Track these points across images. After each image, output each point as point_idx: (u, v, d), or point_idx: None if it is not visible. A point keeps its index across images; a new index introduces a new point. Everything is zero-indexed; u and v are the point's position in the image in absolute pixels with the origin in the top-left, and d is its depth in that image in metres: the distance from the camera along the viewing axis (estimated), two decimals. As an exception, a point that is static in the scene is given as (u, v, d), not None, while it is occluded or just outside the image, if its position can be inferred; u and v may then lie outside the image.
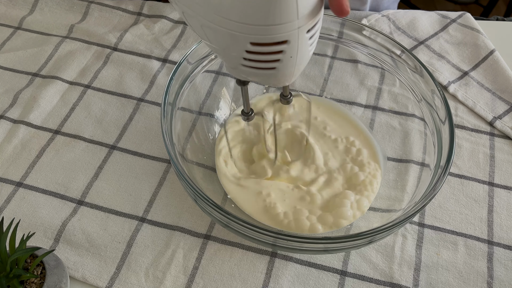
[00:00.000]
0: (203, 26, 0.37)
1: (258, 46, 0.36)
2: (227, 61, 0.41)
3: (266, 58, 0.37)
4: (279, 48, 0.37)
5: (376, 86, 0.64)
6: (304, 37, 0.37)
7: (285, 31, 0.35)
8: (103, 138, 0.62)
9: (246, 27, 0.35)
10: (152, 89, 0.68)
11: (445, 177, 0.47)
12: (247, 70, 0.40)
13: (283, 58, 0.38)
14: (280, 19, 0.34)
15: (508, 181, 0.60)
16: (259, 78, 0.41)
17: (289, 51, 0.37)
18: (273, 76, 0.40)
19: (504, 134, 0.65)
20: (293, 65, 0.39)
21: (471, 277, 0.52)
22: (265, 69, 0.39)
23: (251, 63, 0.38)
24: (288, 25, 0.35)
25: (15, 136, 0.62)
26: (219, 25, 0.36)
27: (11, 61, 0.71)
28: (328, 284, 0.52)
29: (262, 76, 0.40)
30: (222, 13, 0.35)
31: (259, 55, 0.37)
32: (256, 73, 0.40)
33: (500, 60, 0.71)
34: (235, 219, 0.45)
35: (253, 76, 0.41)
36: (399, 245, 0.54)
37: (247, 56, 0.38)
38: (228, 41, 0.37)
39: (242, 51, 0.37)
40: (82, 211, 0.56)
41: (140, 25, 0.76)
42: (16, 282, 0.44)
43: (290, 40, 0.36)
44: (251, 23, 0.35)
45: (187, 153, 0.57)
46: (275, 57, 0.37)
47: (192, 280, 0.51)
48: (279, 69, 0.39)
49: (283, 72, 0.39)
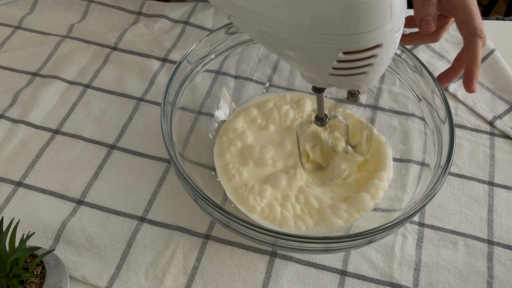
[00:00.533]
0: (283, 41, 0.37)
1: (351, 55, 0.36)
2: (312, 71, 0.40)
3: (358, 64, 0.37)
4: (372, 53, 0.36)
5: (376, 86, 0.64)
6: (395, 37, 0.36)
7: (379, 35, 0.35)
8: (102, 137, 0.62)
9: (339, 38, 0.34)
10: (152, 89, 0.68)
11: (445, 177, 0.47)
12: (335, 78, 0.39)
13: (375, 62, 0.37)
14: (375, 25, 0.34)
15: (508, 180, 0.60)
16: (347, 84, 0.41)
17: (381, 54, 0.36)
18: (362, 79, 0.39)
19: (504, 134, 0.65)
20: (383, 66, 0.38)
21: (471, 277, 0.52)
22: (356, 74, 0.38)
23: (341, 71, 0.37)
24: (382, 29, 0.34)
25: (15, 135, 0.62)
26: (310, 41, 0.35)
27: (10, 61, 0.71)
28: (328, 284, 0.51)
29: (350, 81, 0.39)
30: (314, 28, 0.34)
31: (351, 63, 0.37)
32: (344, 80, 0.39)
33: (500, 60, 0.71)
34: (235, 219, 0.45)
35: (340, 83, 0.41)
36: (399, 245, 0.54)
37: (337, 66, 0.37)
38: (317, 53, 0.36)
39: (333, 61, 0.36)
40: (82, 210, 0.56)
41: (140, 25, 0.76)
42: (16, 282, 0.44)
43: (383, 43, 0.35)
44: (344, 34, 0.34)
45: (187, 153, 0.56)
46: (367, 62, 0.37)
47: (192, 280, 0.51)
48: (370, 72, 0.38)
49: (373, 74, 0.39)
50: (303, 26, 0.34)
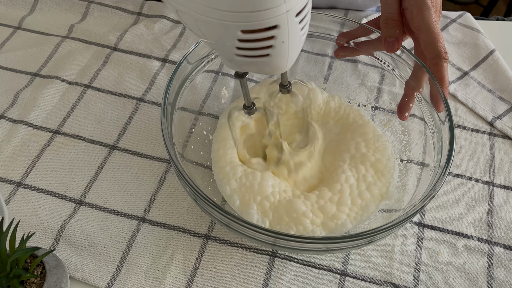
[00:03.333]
0: (196, 21, 0.38)
1: (249, 34, 0.37)
2: (222, 53, 0.41)
3: (258, 45, 0.38)
4: (270, 34, 0.37)
5: (376, 86, 0.64)
6: (294, 21, 0.37)
7: (274, 15, 0.36)
8: (103, 138, 0.62)
9: (236, 15, 0.35)
10: (152, 89, 0.68)
11: (445, 177, 0.47)
12: (242, 60, 0.40)
13: (275, 44, 0.38)
14: (267, 4, 0.35)
15: (508, 181, 0.60)
16: (255, 67, 0.42)
17: (281, 36, 0.37)
18: (268, 63, 0.40)
19: (504, 134, 0.65)
20: (286, 51, 0.39)
21: (471, 277, 0.52)
22: (259, 56, 0.39)
23: (244, 52, 0.39)
24: (276, 9, 0.35)
25: (15, 136, 0.62)
26: (210, 17, 0.36)
27: (11, 61, 0.71)
28: (328, 284, 0.51)
29: (257, 64, 0.41)
30: (211, 4, 0.35)
31: (251, 43, 0.38)
32: (251, 62, 0.40)
33: (500, 60, 0.71)
34: (235, 219, 0.45)
35: (248, 66, 0.42)
36: (399, 245, 0.54)
37: (240, 45, 0.38)
38: (220, 31, 0.37)
39: (235, 40, 0.37)
40: (82, 211, 0.56)
41: (140, 25, 0.76)
42: (16, 282, 0.44)
43: (280, 25, 0.36)
44: (240, 11, 0.35)
45: (187, 153, 0.56)
46: (267, 43, 0.38)
47: (192, 280, 0.51)
48: (273, 55, 0.39)
49: (277, 58, 0.40)
50: (209, 2, 0.36)
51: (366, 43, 0.59)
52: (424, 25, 0.50)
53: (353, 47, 0.60)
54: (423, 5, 0.50)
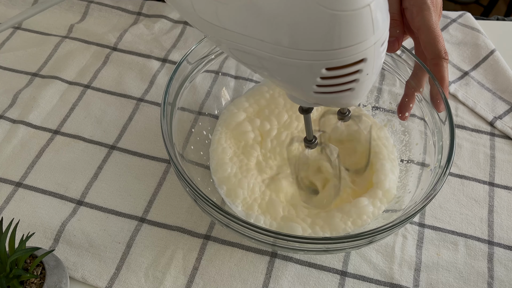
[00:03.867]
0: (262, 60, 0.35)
1: (335, 70, 0.34)
2: (295, 91, 0.39)
3: (343, 80, 0.35)
4: (357, 68, 0.35)
5: (376, 86, 0.64)
6: (379, 51, 0.35)
7: (363, 49, 0.34)
8: (102, 138, 0.62)
9: (320, 54, 0.33)
10: (152, 89, 0.68)
11: (445, 177, 0.47)
12: (320, 97, 0.37)
13: (360, 78, 0.36)
14: (358, 39, 0.33)
15: (509, 181, 0.60)
16: (332, 102, 0.39)
17: (366, 69, 0.35)
18: (348, 96, 0.38)
19: (505, 134, 0.65)
20: (369, 82, 0.37)
21: (471, 278, 0.52)
22: (341, 91, 0.37)
23: (326, 89, 0.36)
24: (365, 43, 0.33)
25: (15, 136, 0.62)
26: (291, 58, 0.34)
27: (10, 61, 0.71)
28: (328, 285, 0.51)
29: (336, 99, 0.38)
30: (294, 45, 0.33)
31: (335, 79, 0.35)
32: (331, 98, 0.38)
33: (500, 60, 0.71)
34: (235, 219, 0.45)
35: (326, 102, 0.39)
36: (399, 245, 0.54)
37: (321, 83, 0.35)
38: (299, 71, 0.35)
39: (317, 78, 0.35)
40: (81, 211, 0.56)
41: (140, 25, 0.76)
42: (16, 282, 0.44)
43: (367, 58, 0.34)
44: (325, 49, 0.33)
45: (187, 153, 0.56)
46: (352, 78, 0.35)
47: (192, 280, 0.51)
48: (356, 88, 0.37)
49: (359, 90, 0.37)
50: (283, 43, 0.33)
51: None
52: (424, 25, 0.50)
53: None
54: (423, 5, 0.50)
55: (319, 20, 0.32)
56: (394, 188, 0.54)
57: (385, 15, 0.35)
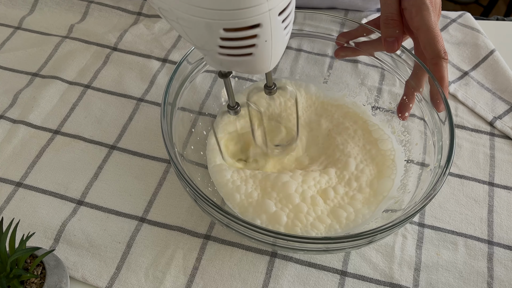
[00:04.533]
0: (178, 19, 0.38)
1: (232, 32, 0.37)
2: (206, 52, 0.41)
3: (241, 43, 0.38)
4: (253, 32, 0.37)
5: (376, 86, 0.64)
6: (277, 20, 0.37)
7: (256, 14, 0.36)
8: (102, 138, 0.62)
9: (218, 13, 0.35)
10: (152, 89, 0.68)
11: (445, 177, 0.47)
12: (224, 59, 0.40)
13: (258, 43, 0.38)
14: (250, 2, 0.35)
15: (508, 181, 0.60)
16: (238, 66, 0.42)
17: (263, 35, 0.37)
18: (251, 62, 0.40)
19: (504, 134, 0.65)
20: (269, 50, 0.39)
21: (471, 277, 0.52)
22: (242, 55, 0.39)
23: (227, 51, 0.39)
24: (258, 7, 0.35)
25: (15, 136, 0.62)
26: (192, 14, 0.36)
27: (10, 61, 0.71)
28: (328, 284, 0.51)
29: (240, 64, 0.41)
30: (193, 2, 0.35)
31: (234, 41, 0.38)
32: (234, 61, 0.40)
33: (500, 60, 0.71)
34: (235, 219, 0.45)
35: (232, 65, 0.42)
36: (399, 245, 0.54)
37: (222, 44, 0.38)
38: (203, 30, 0.37)
39: (217, 39, 0.38)
40: (82, 211, 0.56)
41: (140, 25, 0.76)
42: (17, 282, 0.44)
43: (263, 23, 0.36)
44: (222, 8, 0.35)
45: (187, 153, 0.56)
46: (250, 42, 0.38)
47: (192, 280, 0.51)
48: (256, 54, 0.39)
49: (260, 57, 0.40)
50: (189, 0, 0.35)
51: (366, 43, 0.59)
52: (423, 25, 0.50)
53: (353, 47, 0.60)
54: (422, 5, 0.50)
55: None
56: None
57: None
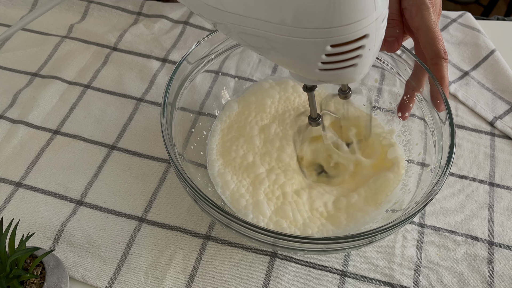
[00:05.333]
0: (269, 41, 0.36)
1: (339, 47, 0.36)
2: (301, 69, 0.40)
3: (347, 56, 0.37)
4: (360, 44, 0.36)
5: (376, 86, 0.64)
6: (381, 27, 0.37)
7: (365, 25, 0.35)
8: (102, 138, 0.62)
9: (324, 31, 0.34)
10: (152, 89, 0.68)
11: (445, 177, 0.47)
12: (325, 73, 0.39)
13: (363, 53, 0.37)
14: (360, 15, 0.34)
15: (509, 181, 0.60)
16: (336, 78, 0.40)
17: (369, 44, 0.37)
18: (352, 72, 0.39)
19: (505, 134, 0.65)
20: (371, 57, 0.39)
21: (471, 278, 0.52)
22: (345, 67, 0.38)
23: (331, 66, 0.37)
24: (367, 19, 0.35)
25: (14, 136, 0.62)
26: (296, 36, 0.35)
27: (10, 61, 0.71)
28: (328, 285, 0.51)
29: (339, 75, 0.39)
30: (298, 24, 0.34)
31: (339, 56, 0.37)
32: (335, 74, 0.39)
33: (500, 60, 0.71)
34: (235, 219, 0.45)
35: (329, 78, 0.40)
36: (400, 245, 0.54)
37: (326, 60, 0.37)
38: (304, 49, 0.36)
39: (322, 56, 0.36)
40: (81, 211, 0.56)
41: (140, 25, 0.75)
42: (16, 282, 0.44)
43: (370, 34, 0.36)
44: (331, 26, 0.34)
45: (187, 153, 0.56)
46: (356, 53, 0.37)
47: (192, 280, 0.51)
48: (359, 64, 0.38)
49: (362, 66, 0.39)
50: (287, 22, 0.34)
51: None
52: (423, 25, 0.50)
53: None
54: (422, 5, 0.50)
55: None
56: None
57: None
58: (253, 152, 0.57)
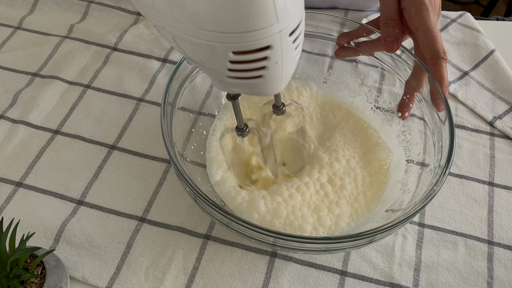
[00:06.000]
0: (182, 41, 0.36)
1: (241, 55, 0.35)
2: (212, 74, 0.40)
3: (251, 66, 0.37)
4: (263, 55, 0.36)
5: (376, 86, 0.64)
6: (287, 41, 0.36)
7: (266, 36, 0.34)
8: (102, 138, 0.62)
9: (226, 36, 0.34)
10: (152, 89, 0.68)
11: (445, 177, 0.47)
12: (233, 82, 0.38)
13: (268, 65, 0.37)
14: (260, 24, 0.33)
15: (508, 181, 0.60)
16: (247, 89, 0.40)
17: (274, 57, 0.36)
18: (262, 85, 0.39)
19: (504, 134, 0.65)
20: (280, 71, 0.38)
21: (471, 277, 0.52)
22: (252, 78, 0.38)
23: (236, 74, 0.37)
24: (268, 29, 0.34)
25: (15, 136, 0.62)
26: (198, 38, 0.35)
27: (10, 61, 0.71)
28: (328, 284, 0.51)
29: (249, 86, 0.39)
30: (199, 25, 0.34)
31: (243, 64, 0.36)
32: (243, 84, 0.39)
33: (500, 60, 0.71)
34: (235, 219, 0.45)
35: (241, 88, 0.40)
36: (399, 245, 0.54)
37: (231, 67, 0.37)
38: (209, 53, 0.36)
39: (226, 62, 0.36)
40: (82, 211, 0.56)
41: (140, 25, 0.76)
42: (17, 282, 0.44)
43: (273, 45, 0.35)
44: (230, 31, 0.34)
45: (187, 153, 0.56)
46: (260, 64, 0.36)
47: (192, 280, 0.51)
48: (266, 76, 0.38)
49: (271, 79, 0.38)
50: (192, 23, 0.34)
51: (366, 43, 0.59)
52: (422, 25, 0.50)
53: (354, 47, 0.60)
54: (422, 5, 0.50)
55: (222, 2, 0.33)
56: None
57: (296, 3, 0.35)
58: (254, 153, 0.57)
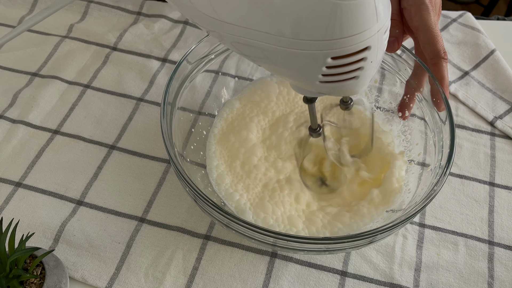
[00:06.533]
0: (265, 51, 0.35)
1: (340, 59, 0.35)
2: (301, 81, 0.39)
3: (347, 69, 0.36)
4: (362, 56, 0.35)
5: (376, 86, 0.64)
6: (383, 39, 0.36)
7: (367, 37, 0.34)
8: (102, 138, 0.62)
9: (324, 43, 0.33)
10: (152, 89, 0.68)
11: (445, 177, 0.47)
12: (326, 86, 0.38)
13: (365, 65, 0.36)
14: (362, 27, 0.33)
15: (509, 181, 0.60)
16: (337, 91, 0.39)
17: (371, 56, 0.36)
18: (353, 85, 0.38)
19: (505, 134, 0.65)
20: (373, 70, 0.38)
21: (471, 278, 0.52)
22: (347, 80, 0.37)
23: (331, 78, 0.36)
24: (369, 31, 0.34)
25: (14, 136, 0.62)
26: (295, 48, 0.34)
27: (10, 61, 0.71)
28: (328, 285, 0.51)
29: (341, 88, 0.38)
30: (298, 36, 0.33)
31: (340, 68, 0.36)
32: (336, 87, 0.38)
33: (500, 60, 0.71)
34: (235, 219, 0.45)
35: (330, 91, 0.39)
36: (400, 245, 0.54)
37: (326, 72, 0.36)
38: (304, 61, 0.35)
39: (322, 68, 0.35)
40: (81, 211, 0.56)
41: (140, 25, 0.75)
42: (16, 282, 0.44)
43: (372, 46, 0.35)
44: (332, 38, 0.33)
45: (187, 153, 0.56)
46: (357, 66, 0.36)
47: (192, 280, 0.51)
48: (361, 76, 0.37)
49: (363, 78, 0.38)
50: (286, 34, 0.33)
51: None
52: (422, 25, 0.50)
53: None
54: (422, 5, 0.50)
55: (321, 10, 0.32)
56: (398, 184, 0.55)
57: (387, 2, 0.35)
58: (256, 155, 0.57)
